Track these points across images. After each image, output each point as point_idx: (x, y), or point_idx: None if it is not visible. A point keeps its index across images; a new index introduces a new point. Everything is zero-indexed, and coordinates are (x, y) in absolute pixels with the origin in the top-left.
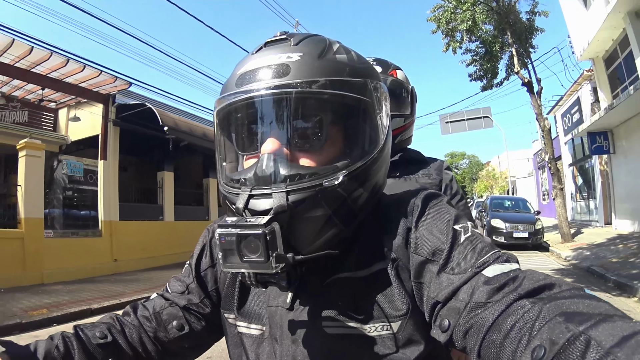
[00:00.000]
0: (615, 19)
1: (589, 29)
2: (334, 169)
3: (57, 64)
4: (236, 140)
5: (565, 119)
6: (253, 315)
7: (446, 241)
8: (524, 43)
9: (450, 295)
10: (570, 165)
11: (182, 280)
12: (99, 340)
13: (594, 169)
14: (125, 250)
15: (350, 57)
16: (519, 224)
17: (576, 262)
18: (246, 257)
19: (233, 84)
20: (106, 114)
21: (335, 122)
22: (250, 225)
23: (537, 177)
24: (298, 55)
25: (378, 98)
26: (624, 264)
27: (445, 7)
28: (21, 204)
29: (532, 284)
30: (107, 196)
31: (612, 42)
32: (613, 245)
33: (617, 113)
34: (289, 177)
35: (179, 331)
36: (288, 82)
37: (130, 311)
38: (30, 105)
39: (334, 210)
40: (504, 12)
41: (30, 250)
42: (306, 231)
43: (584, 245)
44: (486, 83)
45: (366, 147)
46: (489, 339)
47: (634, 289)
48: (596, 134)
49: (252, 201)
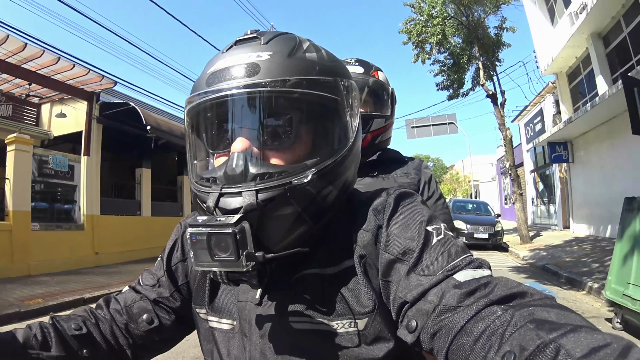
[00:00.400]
0: (579, 39)
1: (554, 46)
2: (303, 167)
3: (48, 61)
4: (207, 138)
5: (529, 128)
6: (224, 310)
7: (417, 242)
8: (490, 57)
9: (419, 296)
10: (532, 172)
11: (153, 273)
12: (74, 332)
13: (554, 176)
14: (106, 243)
15: (320, 55)
16: (480, 226)
17: (533, 261)
18: (217, 256)
19: (203, 82)
20: (90, 111)
21: (305, 121)
22: (220, 225)
23: (499, 182)
24: (268, 54)
25: (347, 96)
26: (576, 263)
27: (417, 20)
28: (9, 197)
29: (504, 291)
30: (90, 191)
31: (576, 59)
32: (569, 246)
33: (576, 126)
34: (259, 175)
35: (148, 325)
36: (257, 81)
37: (103, 305)
38: (14, 99)
39: (303, 207)
40: (473, 26)
41: (18, 243)
42: (276, 229)
43: (541, 247)
44: (452, 92)
45: (335, 146)
46: (458, 342)
47: (583, 284)
48: (556, 144)
49: (222, 200)
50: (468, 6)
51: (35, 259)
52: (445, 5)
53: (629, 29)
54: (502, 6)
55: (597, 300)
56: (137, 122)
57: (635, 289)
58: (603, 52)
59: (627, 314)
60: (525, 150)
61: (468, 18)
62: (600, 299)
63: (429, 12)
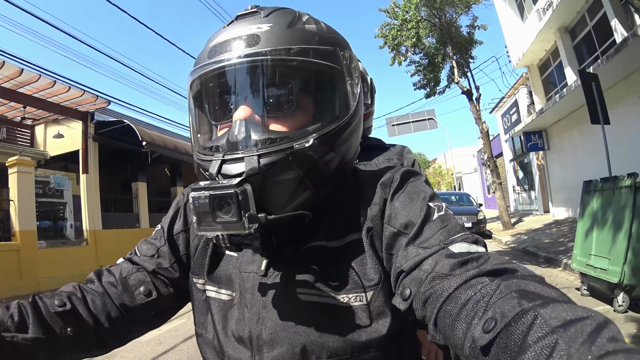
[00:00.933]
0: (548, 34)
1: (524, 41)
2: (305, 133)
3: (45, 85)
4: (209, 110)
5: (505, 119)
6: (223, 280)
7: (419, 216)
8: (464, 54)
9: (415, 265)
10: (511, 161)
11: (152, 243)
12: (57, 309)
13: (532, 164)
14: (110, 256)
15: (319, 27)
16: (463, 216)
17: (515, 245)
18: (219, 219)
19: (205, 56)
20: (86, 131)
21: (306, 89)
22: (222, 187)
23: (481, 173)
24: (268, 25)
25: (347, 66)
26: (554, 243)
27: (392, 25)
28: (15, 218)
29: (495, 265)
30: (91, 207)
31: (545, 52)
32: (548, 229)
33: (548, 115)
34: (260, 141)
35: (146, 297)
36: (257, 50)
37: (94, 278)
38: (8, 122)
39: (305, 172)
40: (446, 27)
41: (26, 261)
42: (279, 194)
43: (523, 231)
44: (429, 91)
45: (337, 113)
46: (445, 309)
47: (559, 262)
48: (531, 133)
49: (224, 166)
50: (440, 8)
51: (43, 275)
52: (418, 9)
53: (592, 23)
54: (473, 6)
55: (571, 274)
56: (131, 138)
57: (596, 259)
58: (570, 45)
59: (591, 281)
60: (504, 141)
61: (441, 19)
62: (575, 274)
63: (403, 16)
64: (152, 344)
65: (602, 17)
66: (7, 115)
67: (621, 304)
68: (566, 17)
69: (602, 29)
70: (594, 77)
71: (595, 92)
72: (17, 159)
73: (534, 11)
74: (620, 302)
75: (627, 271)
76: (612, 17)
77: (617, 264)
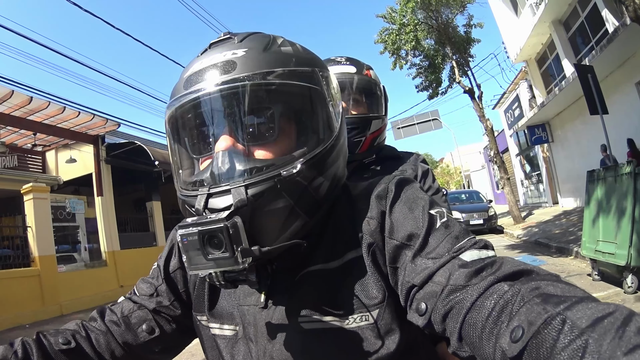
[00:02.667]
0: (542, 27)
1: (520, 36)
2: (292, 159)
3: (54, 111)
4: (190, 144)
5: (508, 114)
6: (225, 315)
7: (422, 226)
8: (463, 54)
9: (427, 278)
10: (517, 155)
11: (150, 282)
12: (62, 347)
13: (538, 156)
14: (129, 276)
15: (295, 48)
16: (474, 213)
17: (526, 238)
18: (211, 255)
19: (181, 87)
20: (97, 154)
21: (287, 113)
22: (211, 221)
23: (489, 169)
24: (243, 50)
25: (327, 86)
26: (564, 233)
27: (390, 30)
28: (33, 244)
29: (510, 268)
30: (108, 228)
31: (542, 45)
32: (558, 220)
33: (550, 108)
34: (246, 171)
35: (149, 334)
36: (234, 76)
37: (97, 316)
38: (18, 149)
39: (295, 200)
40: (443, 28)
41: (47, 286)
42: (270, 225)
43: (533, 224)
44: (432, 92)
45: (321, 135)
46: (469, 320)
47: (570, 250)
48: (535, 127)
49: (211, 200)
50: (436, 10)
51: (65, 299)
52: (414, 13)
53: (584, 14)
54: (467, 5)
55: (582, 262)
56: (142, 158)
57: (604, 244)
58: (565, 37)
59: (601, 266)
60: (509, 136)
61: (437, 21)
62: (586, 261)
63: (400, 20)
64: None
65: (592, 7)
66: (18, 143)
67: (630, 285)
68: (559, 9)
69: (594, 20)
70: (589, 69)
71: (592, 83)
72: (32, 186)
73: (527, 6)
74: (630, 284)
75: (634, 253)
76: (602, 8)
77: (624, 247)
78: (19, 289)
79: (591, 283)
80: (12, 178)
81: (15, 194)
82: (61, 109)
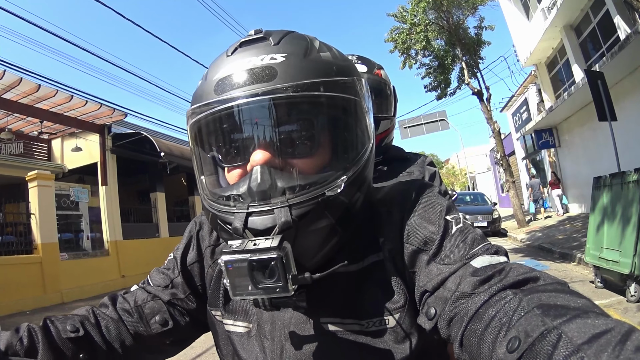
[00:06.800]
0: (553, 32)
1: (531, 39)
2: (333, 176)
3: (62, 99)
4: (219, 151)
5: (516, 117)
6: (239, 312)
7: (438, 231)
8: (472, 55)
9: (439, 284)
10: (524, 159)
11: (165, 273)
12: (70, 334)
13: (544, 161)
14: (131, 266)
15: (333, 54)
16: (479, 215)
17: (530, 242)
18: (261, 284)
19: (211, 91)
20: (103, 143)
21: (327, 126)
22: (261, 250)
23: (494, 172)
24: (282, 55)
25: (364, 96)
26: (568, 239)
27: (401, 29)
28: (36, 231)
29: (517, 276)
30: (111, 218)
31: (552, 50)
32: (562, 225)
33: (558, 112)
34: (289, 189)
35: (162, 326)
36: (277, 86)
37: (109, 303)
38: (25, 137)
39: (337, 219)
40: (454, 29)
41: (49, 273)
42: (310, 244)
43: (537, 228)
44: (440, 92)
45: (359, 150)
46: (471, 328)
47: (573, 257)
48: (542, 131)
49: (251, 219)
50: (447, 10)
51: (66, 286)
52: (426, 13)
53: (596, 20)
54: (479, 7)
55: (585, 268)
56: (148, 149)
57: (608, 252)
58: (576, 42)
59: (604, 274)
60: (515, 139)
61: (448, 22)
62: (589, 267)
63: (411, 20)
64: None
65: (605, 14)
66: (24, 130)
67: (633, 294)
68: (571, 15)
69: (606, 26)
70: (600, 75)
71: (601, 89)
72: (37, 173)
73: (539, 10)
74: (633, 293)
75: (638, 262)
76: (615, 14)
77: (628, 256)
78: (20, 276)
79: (594, 290)
80: (17, 165)
81: (20, 180)
82: (68, 97)
